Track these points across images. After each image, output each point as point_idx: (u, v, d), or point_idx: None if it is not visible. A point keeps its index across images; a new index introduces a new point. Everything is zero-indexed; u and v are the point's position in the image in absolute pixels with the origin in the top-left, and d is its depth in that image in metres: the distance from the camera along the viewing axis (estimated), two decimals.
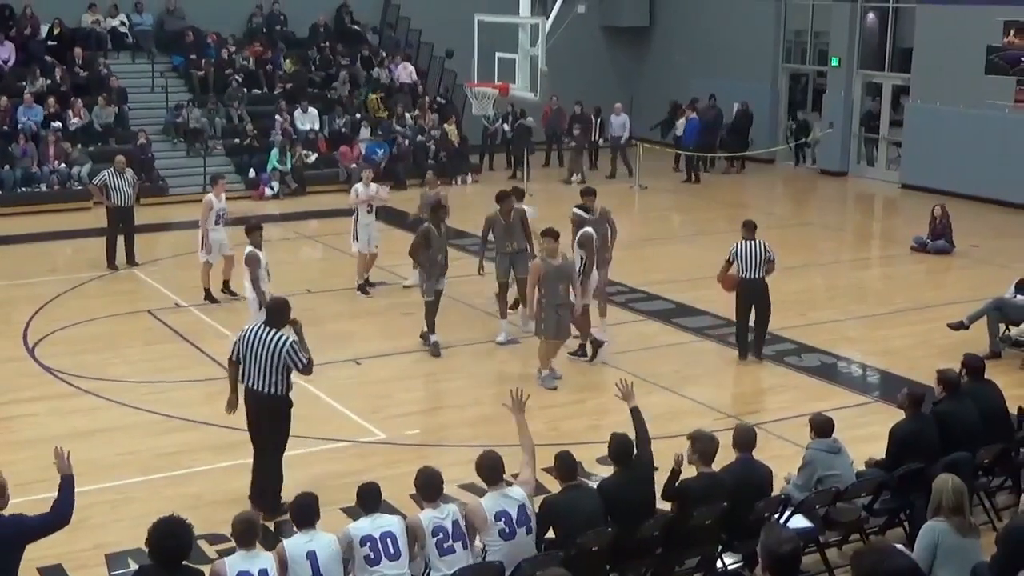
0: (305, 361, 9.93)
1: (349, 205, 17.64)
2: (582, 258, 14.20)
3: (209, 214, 16.53)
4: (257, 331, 9.93)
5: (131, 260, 18.84)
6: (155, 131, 25.69)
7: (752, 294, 14.21)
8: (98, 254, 18.85)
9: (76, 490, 7.48)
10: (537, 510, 8.21)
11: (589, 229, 14.38)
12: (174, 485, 10.71)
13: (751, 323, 14.45)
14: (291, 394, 10.07)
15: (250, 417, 10.07)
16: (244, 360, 9.92)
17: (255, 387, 9.90)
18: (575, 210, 15.03)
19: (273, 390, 9.87)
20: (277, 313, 10.13)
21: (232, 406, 10.26)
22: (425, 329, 14.71)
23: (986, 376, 10.64)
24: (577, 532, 7.96)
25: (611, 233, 15.11)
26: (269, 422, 10.00)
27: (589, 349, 14.43)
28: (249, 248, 13.92)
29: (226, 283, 16.98)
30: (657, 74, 33.06)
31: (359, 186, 17.53)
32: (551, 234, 13.44)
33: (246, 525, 7.27)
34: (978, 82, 24.90)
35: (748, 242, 14.13)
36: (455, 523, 7.83)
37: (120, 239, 18.74)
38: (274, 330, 9.92)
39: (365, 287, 17.32)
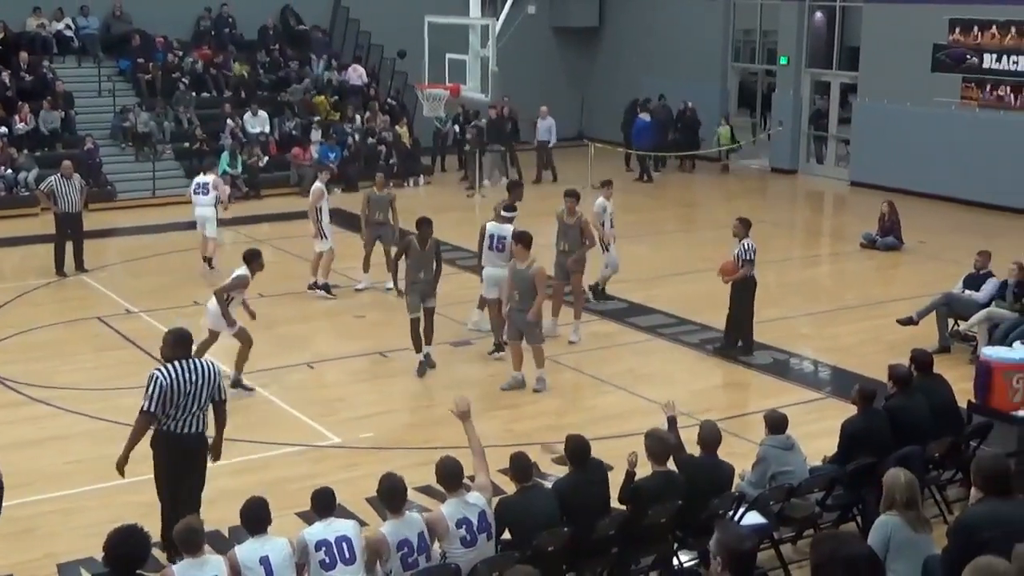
0: (224, 394, 9.22)
1: (310, 206, 17.51)
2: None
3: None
4: (183, 368, 8.88)
5: (80, 266, 18.64)
6: (102, 136, 25.43)
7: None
8: (46, 261, 18.63)
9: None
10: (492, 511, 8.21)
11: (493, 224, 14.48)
12: (126, 493, 10.54)
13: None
14: None
15: (175, 469, 9.03)
16: (179, 403, 8.81)
17: (193, 430, 8.97)
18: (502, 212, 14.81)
19: (204, 427, 9.11)
20: (186, 343, 9.17)
21: (123, 467, 9.01)
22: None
23: (936, 371, 10.75)
24: (533, 533, 7.95)
25: (588, 241, 15.12)
26: (200, 465, 9.18)
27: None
28: (245, 271, 13.29)
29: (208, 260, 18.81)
30: (607, 74, 33.16)
31: (319, 183, 17.67)
32: (520, 239, 13.23)
33: (187, 533, 7.14)
34: (925, 80, 25.18)
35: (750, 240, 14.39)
36: (420, 535, 7.70)
37: (68, 245, 18.55)
38: (195, 359, 9.09)
39: (328, 288, 17.24)
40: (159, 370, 8.91)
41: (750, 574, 5.73)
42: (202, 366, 9.02)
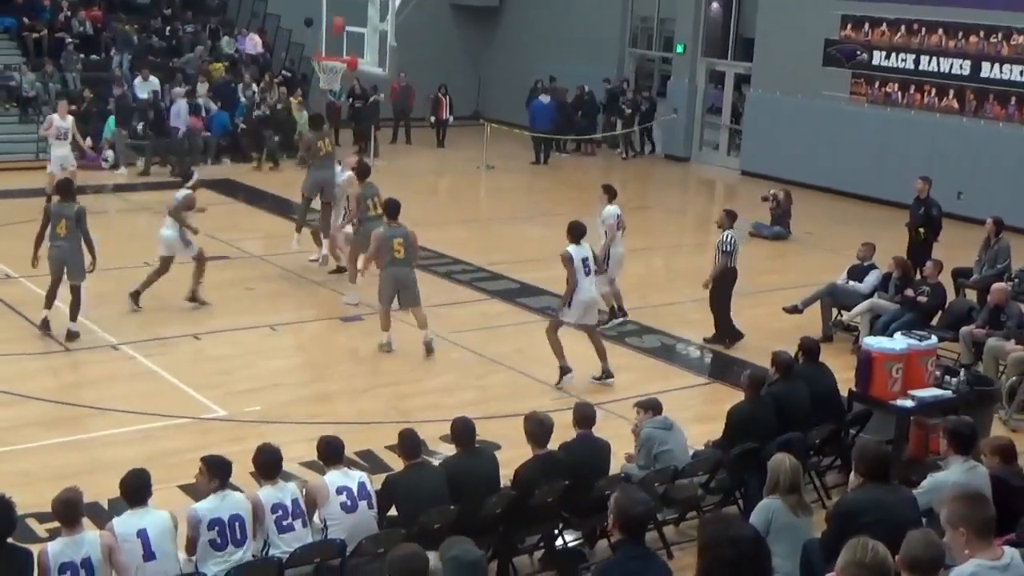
0: None
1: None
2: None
3: (51, 131, 19.56)
4: None
5: None
6: None
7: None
8: None
9: None
10: (379, 488, 8.19)
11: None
12: (2, 462, 10.32)
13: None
14: None
15: None
16: None
17: None
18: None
19: None
20: None
21: None
22: None
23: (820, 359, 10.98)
24: (420, 510, 7.94)
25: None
26: None
27: None
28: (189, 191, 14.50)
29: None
30: (505, 55, 33.13)
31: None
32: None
33: (65, 505, 7.01)
34: (816, 74, 25.63)
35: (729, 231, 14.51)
36: (294, 501, 7.81)
37: None
38: None
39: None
40: None
41: (641, 537, 6.07)
42: None
